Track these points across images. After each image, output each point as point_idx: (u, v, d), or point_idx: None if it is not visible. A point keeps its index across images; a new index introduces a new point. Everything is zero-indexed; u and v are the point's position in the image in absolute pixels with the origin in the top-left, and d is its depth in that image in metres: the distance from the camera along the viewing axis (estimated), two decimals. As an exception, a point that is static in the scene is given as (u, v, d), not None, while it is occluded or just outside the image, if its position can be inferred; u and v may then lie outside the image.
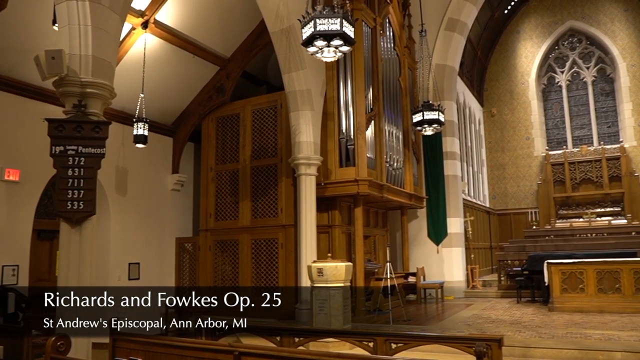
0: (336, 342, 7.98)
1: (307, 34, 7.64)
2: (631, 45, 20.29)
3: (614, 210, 19.65)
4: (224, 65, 12.08)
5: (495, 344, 5.27)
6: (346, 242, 11.58)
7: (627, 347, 6.98)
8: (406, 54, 13.96)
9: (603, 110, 21.03)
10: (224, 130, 12.23)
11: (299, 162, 10.59)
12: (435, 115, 11.95)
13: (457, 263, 14.70)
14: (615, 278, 10.68)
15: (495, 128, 21.88)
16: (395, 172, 12.51)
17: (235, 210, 11.78)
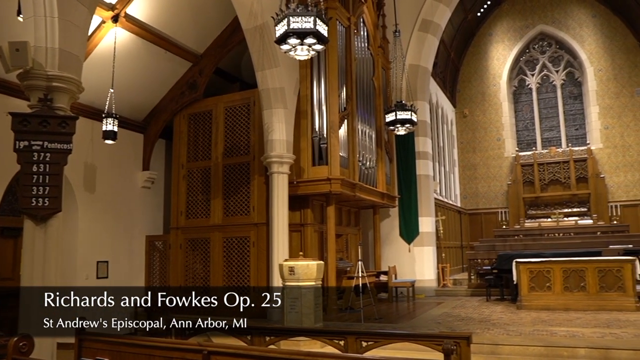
0: (307, 341, 7.96)
1: (280, 31, 7.61)
2: (598, 50, 20.79)
3: (580, 211, 20.11)
4: (196, 61, 11.94)
5: (464, 342, 5.33)
6: (318, 240, 11.59)
7: (590, 344, 7.15)
8: (380, 53, 14.03)
9: (571, 113, 21.51)
10: (196, 127, 12.10)
11: (272, 161, 10.54)
12: (408, 115, 12.04)
13: (428, 262, 14.86)
14: (580, 276, 10.91)
15: (467, 129, 22.17)
16: (368, 171, 12.57)
17: (206, 208, 11.66)
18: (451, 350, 4.50)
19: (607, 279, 10.72)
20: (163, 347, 5.52)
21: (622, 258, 11.13)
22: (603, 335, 7.74)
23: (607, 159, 20.25)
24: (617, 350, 6.89)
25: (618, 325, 8.65)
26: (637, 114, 20.02)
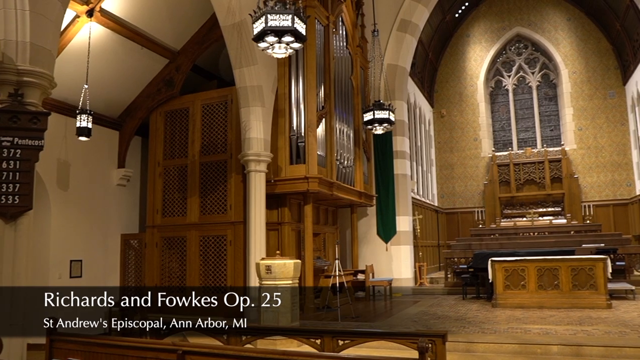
0: (284, 340, 7.95)
1: (258, 29, 7.58)
2: (573, 53, 21.15)
3: (555, 210, 20.44)
4: (173, 58, 11.81)
5: (440, 340, 5.37)
6: (296, 239, 11.56)
7: (563, 341, 7.27)
8: (358, 53, 14.06)
9: (546, 114, 21.84)
10: (172, 124, 11.96)
11: (249, 159, 10.49)
12: (385, 114, 12.10)
13: (405, 261, 14.95)
14: (554, 275, 11.08)
15: (445, 129, 22.37)
16: (346, 170, 12.59)
17: (183, 207, 11.55)
18: (426, 349, 4.52)
19: (580, 278, 10.92)
20: (136, 347, 5.46)
21: (594, 257, 11.34)
22: (575, 333, 7.89)
23: (580, 159, 20.62)
24: (589, 347, 7.02)
25: (590, 322, 8.82)
26: (610, 116, 20.43)
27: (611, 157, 20.28)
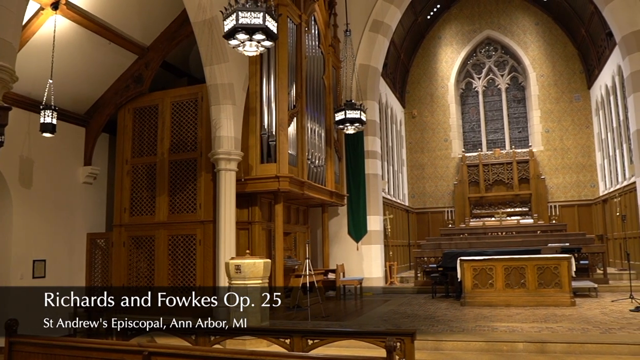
0: (253, 340, 7.89)
1: (228, 26, 7.53)
2: (540, 56, 21.59)
3: (522, 210, 20.82)
4: (142, 54, 11.58)
5: (408, 338, 5.40)
6: (266, 238, 11.50)
7: (528, 338, 7.41)
8: (331, 52, 14.06)
9: (515, 116, 22.24)
10: (141, 121, 11.76)
11: (219, 157, 10.38)
12: (357, 114, 12.14)
13: (376, 260, 15.03)
14: (520, 274, 11.28)
15: (416, 129, 22.57)
16: (317, 169, 12.57)
17: (151, 205, 11.36)
18: (393, 348, 4.53)
19: (545, 276, 11.13)
20: (101, 348, 5.34)
21: (559, 256, 11.58)
22: (540, 330, 8.05)
23: (547, 161, 21.06)
24: (553, 344, 7.17)
25: (554, 319, 9.01)
26: (576, 118, 20.92)
27: (576, 158, 20.78)
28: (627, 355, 6.77)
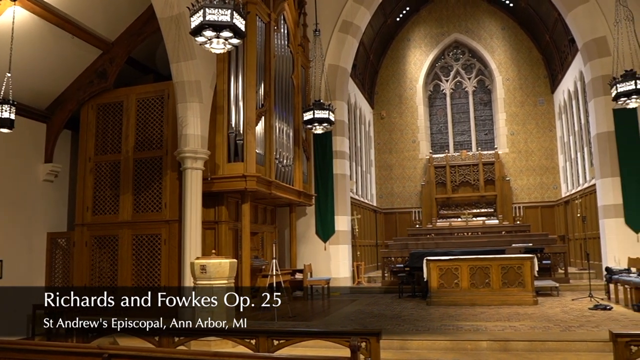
0: (218, 341, 7.81)
1: (195, 23, 7.42)
2: (506, 60, 22.02)
3: (488, 211, 21.18)
4: (107, 49, 11.30)
5: (374, 338, 5.42)
6: (233, 238, 11.38)
7: (492, 337, 7.52)
8: (300, 52, 14.02)
9: (481, 118, 22.62)
10: (105, 118, 11.48)
11: (185, 156, 10.22)
12: (325, 114, 12.14)
13: (343, 260, 15.06)
14: (485, 273, 11.45)
15: (384, 130, 22.72)
16: (285, 169, 12.51)
17: (115, 204, 11.10)
18: (358, 347, 4.54)
19: (509, 276, 11.33)
20: (59, 351, 5.18)
21: (523, 256, 11.81)
22: (504, 329, 8.18)
23: (512, 163, 21.48)
24: (515, 342, 7.30)
25: (517, 318, 9.17)
26: (540, 122, 21.40)
27: (540, 161, 21.26)
28: (585, 352, 6.95)
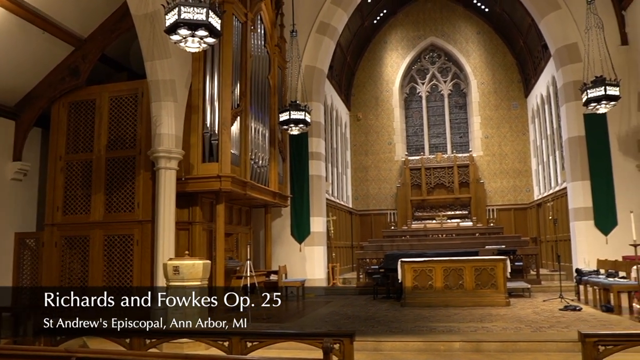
0: (191, 343, 7.72)
1: (170, 21, 7.35)
2: (481, 64, 22.32)
3: (462, 213, 21.41)
4: (79, 45, 11.07)
5: (347, 339, 5.41)
6: (207, 239, 11.26)
7: (464, 338, 7.59)
8: (277, 52, 13.97)
9: (457, 121, 22.88)
10: (77, 116, 11.24)
11: (159, 155, 10.06)
12: (301, 115, 12.13)
13: (318, 261, 15.04)
14: (459, 275, 11.56)
15: (360, 132, 22.81)
16: (260, 169, 12.45)
17: (86, 204, 10.87)
18: (330, 349, 4.52)
19: (482, 277, 11.45)
20: (24, 355, 5.04)
21: (495, 257, 11.96)
22: (476, 329, 8.26)
23: (486, 165, 21.77)
24: (487, 343, 7.38)
25: (490, 319, 9.28)
26: (513, 125, 21.75)
27: (513, 164, 21.59)
28: (555, 352, 7.06)
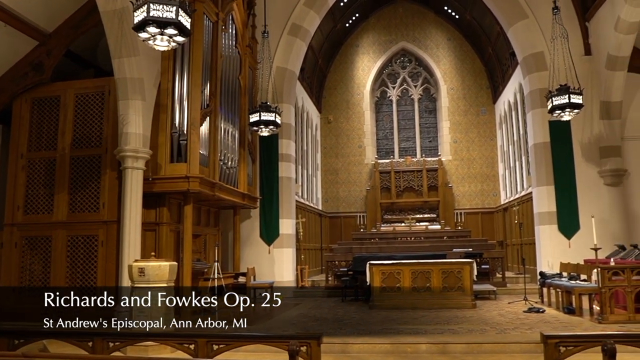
0: (156, 346, 7.58)
1: (139, 18, 7.23)
2: (451, 70, 22.65)
3: (430, 217, 21.67)
4: (44, 40, 10.77)
5: (315, 342, 5.40)
6: (174, 240, 11.08)
7: (431, 339, 7.66)
8: (248, 53, 13.89)
9: (426, 126, 23.15)
10: (40, 113, 10.94)
11: (126, 155, 9.87)
12: (272, 116, 12.09)
13: (287, 263, 14.99)
14: (427, 277, 11.68)
15: (331, 134, 22.86)
16: (230, 171, 12.34)
17: (49, 204, 10.58)
18: (297, 351, 4.50)
19: (450, 280, 11.60)
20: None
21: (462, 260, 12.14)
22: (443, 331, 8.35)
23: (455, 170, 22.09)
24: (453, 344, 7.46)
25: (456, 321, 9.39)
26: (481, 130, 22.12)
27: (481, 168, 21.96)
28: (519, 353, 7.18)
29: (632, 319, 8.82)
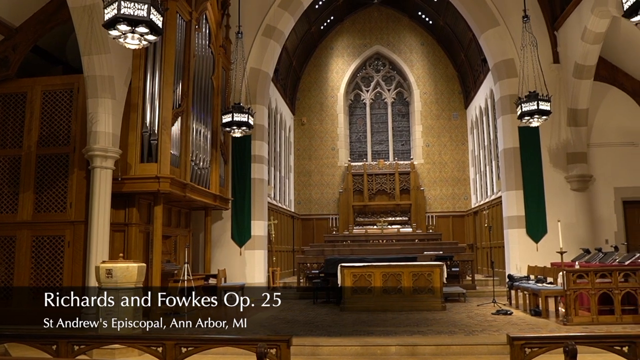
0: (123, 349, 7.46)
1: (109, 15, 7.09)
2: (424, 75, 22.90)
3: (402, 220, 21.84)
4: (10, 35, 10.48)
5: (284, 344, 5.38)
6: (144, 241, 10.91)
7: (400, 342, 7.71)
8: (221, 53, 13.79)
9: (399, 129, 23.34)
10: (5, 109, 10.63)
11: (94, 154, 9.67)
12: (245, 117, 12.03)
13: (259, 265, 14.90)
14: (397, 280, 11.77)
15: (304, 136, 22.86)
16: (201, 171, 12.22)
17: (13, 203, 10.29)
18: (265, 354, 4.48)
19: (420, 282, 11.71)
20: None
21: (433, 263, 12.26)
22: (412, 333, 8.42)
23: (426, 173, 22.32)
24: (422, 346, 7.53)
25: (426, 323, 9.48)
26: (453, 135, 22.42)
27: (452, 172, 22.25)
28: (486, 354, 7.30)
29: (595, 320, 9.05)
